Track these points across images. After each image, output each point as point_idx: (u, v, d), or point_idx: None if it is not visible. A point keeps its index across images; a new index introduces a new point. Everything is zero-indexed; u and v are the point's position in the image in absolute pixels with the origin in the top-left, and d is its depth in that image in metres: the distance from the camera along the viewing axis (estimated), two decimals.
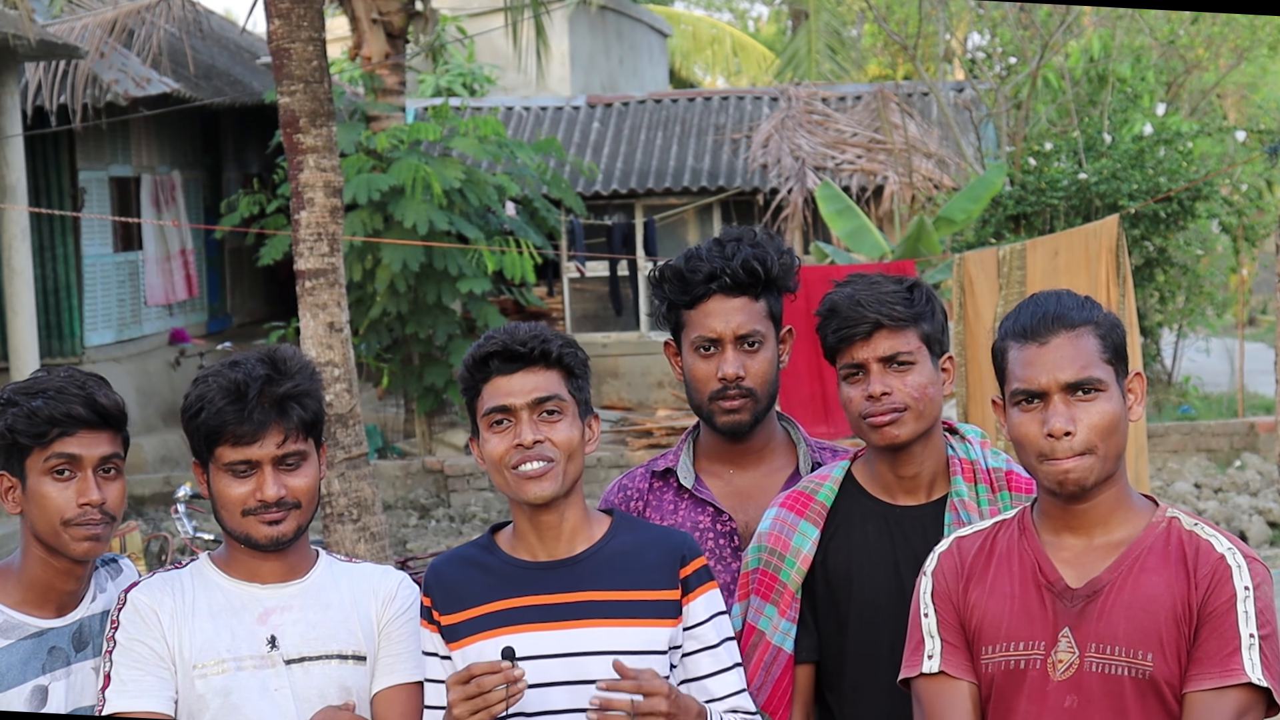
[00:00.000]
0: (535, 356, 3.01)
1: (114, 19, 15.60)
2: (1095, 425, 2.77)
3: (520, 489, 2.99)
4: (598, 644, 2.96)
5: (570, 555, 3.04)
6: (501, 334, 3.04)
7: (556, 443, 2.99)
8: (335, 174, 8.74)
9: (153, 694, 3.01)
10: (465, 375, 3.07)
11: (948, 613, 2.91)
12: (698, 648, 3.04)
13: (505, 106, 19.42)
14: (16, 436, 3.05)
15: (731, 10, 40.55)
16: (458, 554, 3.14)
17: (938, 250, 12.95)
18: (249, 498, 3.02)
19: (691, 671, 3.04)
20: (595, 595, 3.00)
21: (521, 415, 2.99)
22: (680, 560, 3.04)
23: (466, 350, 3.12)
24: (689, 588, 3.03)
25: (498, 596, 3.02)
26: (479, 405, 3.04)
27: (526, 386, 3.00)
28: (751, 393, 3.40)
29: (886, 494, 3.28)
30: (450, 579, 3.07)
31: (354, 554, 8.35)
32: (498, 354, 3.01)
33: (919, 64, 18.19)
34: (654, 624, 2.99)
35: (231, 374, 3.02)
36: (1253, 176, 18.89)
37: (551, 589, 3.01)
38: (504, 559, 3.07)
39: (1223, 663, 2.71)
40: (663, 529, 3.18)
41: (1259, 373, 17.59)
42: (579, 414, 3.05)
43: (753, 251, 3.41)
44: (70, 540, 3.05)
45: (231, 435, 3.00)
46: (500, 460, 3.00)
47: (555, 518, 3.03)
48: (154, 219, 17.03)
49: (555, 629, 2.98)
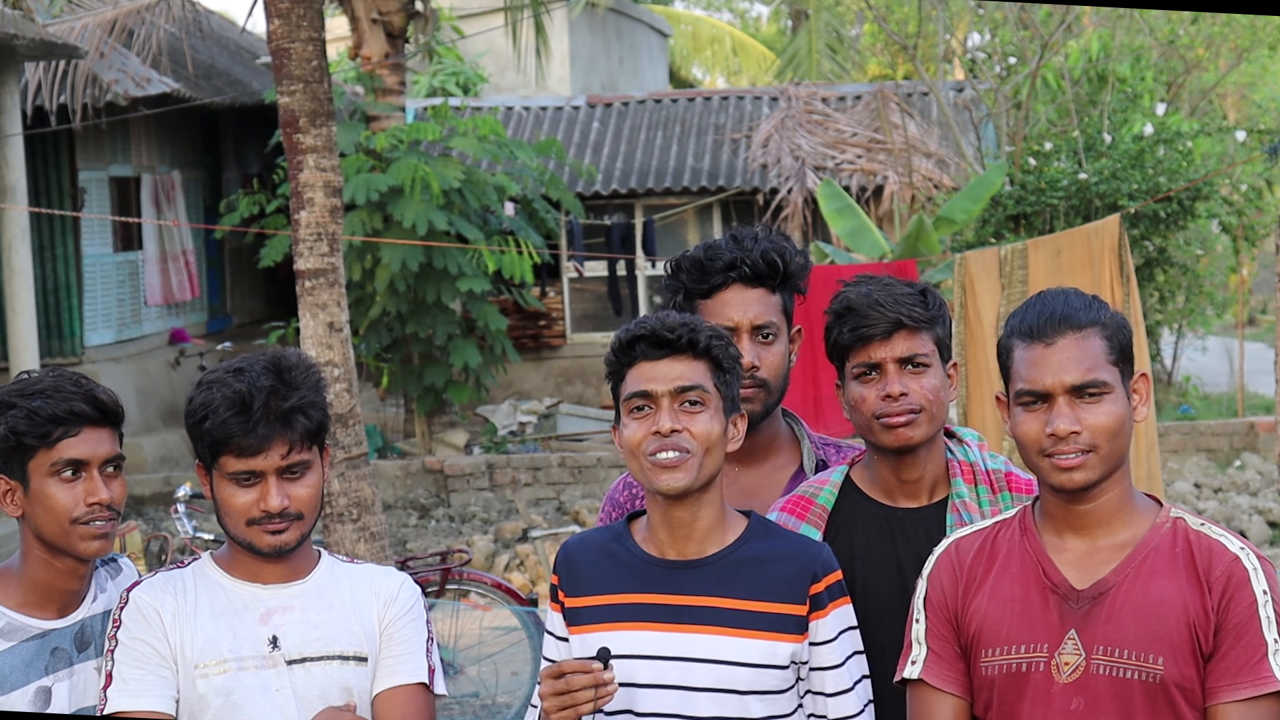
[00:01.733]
0: (682, 345, 2.96)
1: (114, 19, 15.59)
2: (1100, 427, 2.76)
3: (653, 478, 2.94)
4: (715, 652, 2.93)
5: (700, 556, 2.99)
6: (652, 319, 3.00)
7: (695, 434, 2.93)
8: (335, 174, 8.73)
9: (154, 693, 3.01)
10: (611, 358, 3.02)
11: (938, 620, 2.90)
12: (821, 665, 2.98)
13: (505, 106, 19.42)
14: (21, 438, 3.03)
15: (731, 10, 40.55)
16: (590, 538, 3.11)
17: (937, 250, 12.94)
18: (252, 507, 3.01)
19: (815, 687, 2.99)
20: (719, 601, 2.95)
21: (662, 403, 2.95)
22: (812, 576, 2.97)
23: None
24: (819, 604, 2.96)
25: (622, 589, 2.98)
26: (622, 389, 3.00)
27: (671, 374, 2.95)
28: (765, 384, 3.40)
29: (887, 497, 3.27)
30: (579, 562, 3.04)
31: (354, 554, 8.34)
32: (645, 338, 2.97)
33: (919, 64, 18.19)
34: (775, 638, 2.93)
35: (236, 384, 3.00)
36: (1253, 176, 18.89)
37: (676, 590, 2.97)
38: (633, 550, 3.03)
39: (1253, 671, 2.70)
40: (801, 539, 3.10)
41: (1259, 372, 17.60)
42: (723, 409, 2.99)
43: (771, 245, 3.42)
44: (79, 540, 3.04)
45: (236, 447, 2.99)
46: (637, 447, 2.95)
47: (688, 514, 2.98)
48: (154, 219, 17.02)
49: (674, 630, 2.94)
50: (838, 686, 2.98)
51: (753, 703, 2.93)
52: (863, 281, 3.26)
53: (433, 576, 8.43)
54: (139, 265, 17.16)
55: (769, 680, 2.93)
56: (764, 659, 2.92)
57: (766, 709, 2.94)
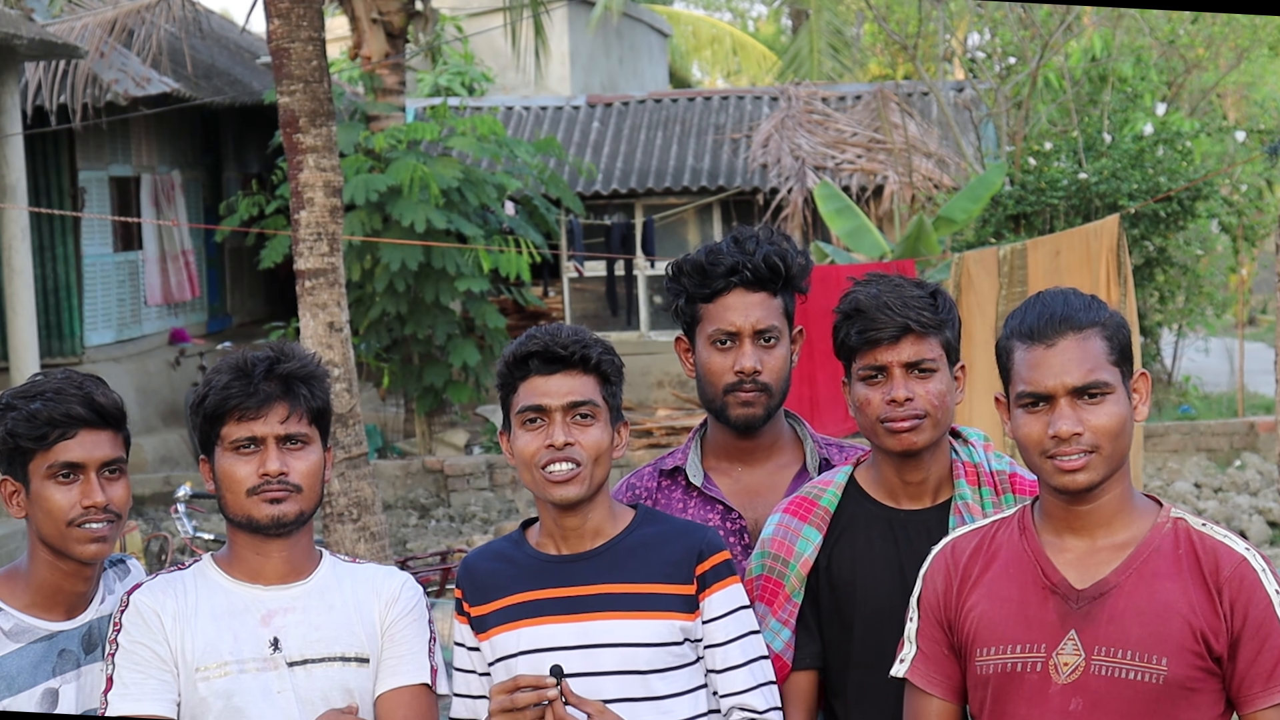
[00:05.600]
0: (574, 360, 3.06)
1: (114, 19, 15.59)
2: (1101, 427, 2.76)
3: (547, 490, 3.06)
4: (612, 636, 3.03)
5: (590, 549, 3.10)
6: (544, 334, 3.09)
7: (586, 446, 3.05)
8: (335, 174, 8.74)
9: (155, 697, 3.01)
10: (503, 371, 3.12)
11: (930, 621, 2.91)
12: (711, 643, 3.08)
13: (505, 106, 19.41)
14: (18, 440, 3.04)
15: (731, 10, 40.55)
16: (489, 548, 3.22)
17: (936, 250, 12.93)
18: (252, 475, 3.03)
19: (710, 664, 3.10)
20: (611, 588, 3.06)
21: (555, 417, 3.05)
22: (698, 555, 3.08)
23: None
24: (706, 583, 3.07)
25: (520, 589, 3.09)
26: (514, 402, 3.10)
27: (563, 389, 3.06)
28: (767, 388, 3.40)
29: (891, 498, 3.27)
30: (479, 572, 3.16)
31: (354, 554, 8.34)
32: (538, 354, 3.06)
33: (919, 64, 18.19)
34: (667, 616, 3.04)
35: (232, 360, 3.08)
36: (1253, 176, 18.89)
37: (570, 582, 3.07)
38: (529, 553, 3.14)
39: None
40: (685, 523, 3.21)
41: (1259, 372, 17.59)
42: (610, 420, 3.10)
43: (773, 248, 3.43)
44: (75, 542, 3.04)
45: (237, 410, 3.02)
46: (530, 459, 3.06)
47: (579, 519, 3.10)
48: (154, 219, 17.02)
49: (572, 621, 3.04)
50: (727, 662, 3.07)
51: (655, 681, 3.03)
52: (873, 282, 3.24)
53: (433, 576, 8.43)
54: (139, 265, 17.15)
55: (666, 658, 3.04)
56: (659, 638, 3.03)
57: (668, 686, 3.04)
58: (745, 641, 3.09)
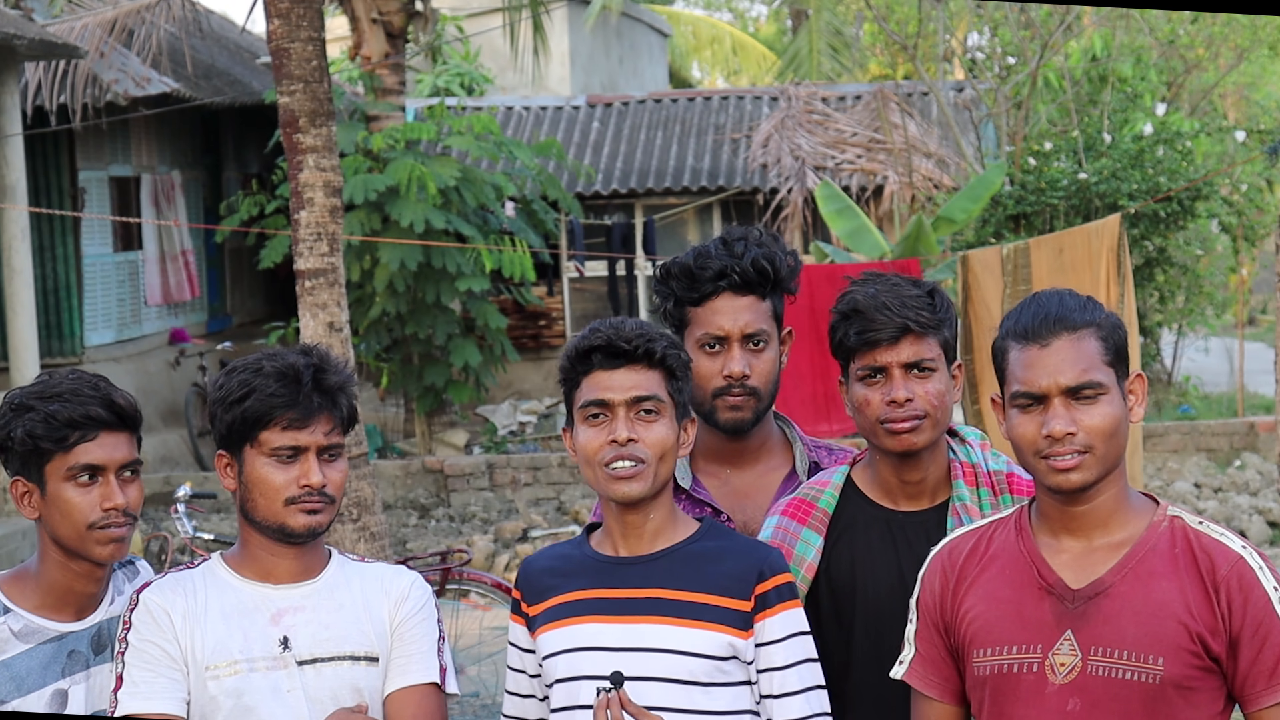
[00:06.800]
0: (639, 355, 3.00)
1: (114, 19, 15.60)
2: (1096, 428, 2.75)
3: (609, 487, 3.00)
4: (659, 641, 2.97)
5: (649, 552, 3.04)
6: (607, 328, 3.04)
7: (650, 443, 2.98)
8: (335, 174, 8.74)
9: (164, 696, 3.00)
10: (566, 365, 3.07)
11: (927, 623, 2.91)
12: (767, 667, 2.99)
13: (505, 106, 19.41)
14: (37, 442, 3.01)
15: (731, 10, 40.54)
16: (550, 549, 3.19)
17: (936, 250, 12.94)
18: (292, 485, 3.00)
19: (764, 689, 3.01)
20: (664, 593, 2.99)
21: (618, 412, 2.99)
22: (759, 574, 2.99)
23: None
24: (766, 604, 2.99)
25: (572, 588, 3.05)
26: (576, 396, 3.04)
27: (626, 384, 3.00)
28: (755, 391, 3.39)
29: (889, 499, 3.26)
30: (536, 571, 3.12)
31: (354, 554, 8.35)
32: (601, 349, 3.01)
33: (919, 64, 18.19)
34: (718, 629, 2.96)
35: (276, 363, 3.02)
36: (1253, 176, 18.89)
37: (623, 584, 3.02)
38: (588, 553, 3.09)
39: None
40: (751, 540, 3.13)
41: (1259, 372, 17.59)
42: (676, 416, 3.04)
43: (761, 251, 3.40)
44: (94, 545, 3.03)
45: (284, 419, 2.99)
46: (593, 455, 3.00)
47: (640, 517, 3.03)
48: (154, 219, 17.02)
49: (619, 622, 2.99)
50: (784, 688, 2.98)
51: (698, 694, 2.95)
52: (870, 281, 3.23)
53: (433, 576, 8.42)
54: (139, 265, 17.16)
55: (713, 672, 2.96)
56: (708, 649, 2.95)
57: (711, 702, 2.96)
58: (803, 668, 3.01)
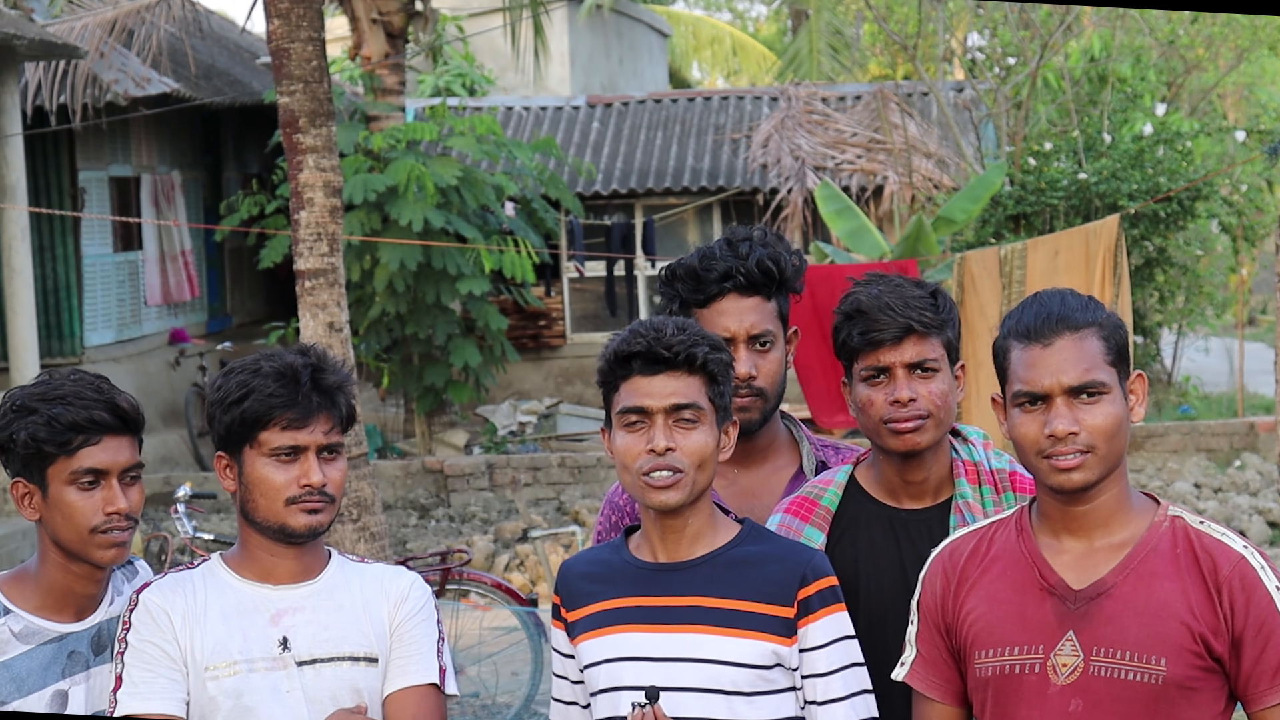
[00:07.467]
0: (679, 361, 2.93)
1: (114, 19, 15.59)
2: (1098, 428, 2.75)
3: (646, 496, 2.94)
4: (699, 651, 2.91)
5: (689, 559, 2.98)
6: (648, 332, 2.95)
7: (688, 452, 2.92)
8: (335, 174, 8.75)
9: (164, 696, 3.00)
10: (604, 369, 3.00)
11: (928, 624, 2.91)
12: (810, 673, 2.94)
13: (505, 106, 19.41)
14: (40, 445, 3.00)
15: (731, 10, 40.54)
16: (588, 553, 3.13)
17: (936, 250, 12.94)
18: (292, 484, 3.00)
19: (808, 696, 2.95)
20: (704, 601, 2.93)
21: (657, 419, 2.93)
22: (801, 579, 2.93)
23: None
24: (809, 609, 2.93)
25: (611, 595, 2.99)
26: (615, 401, 2.98)
27: (665, 390, 2.93)
28: (762, 392, 3.39)
29: (891, 498, 3.27)
30: (574, 576, 3.07)
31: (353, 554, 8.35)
32: (641, 355, 2.94)
33: (919, 64, 18.19)
34: (761, 637, 2.91)
35: (274, 363, 3.02)
36: (1253, 176, 18.89)
37: (662, 591, 2.96)
38: (626, 558, 3.04)
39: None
40: (792, 543, 3.07)
41: (1259, 372, 17.60)
42: (716, 421, 2.97)
43: (766, 252, 3.39)
44: (96, 548, 3.02)
45: (283, 418, 2.99)
46: (630, 462, 2.94)
47: (680, 522, 2.98)
48: (154, 219, 17.02)
49: (658, 631, 2.94)
50: (828, 695, 2.93)
51: (739, 704, 2.90)
52: (873, 282, 3.23)
53: (433, 576, 8.43)
54: (139, 265, 17.16)
55: (755, 681, 2.90)
56: (750, 659, 2.90)
57: (753, 711, 2.91)
58: (848, 674, 2.94)
